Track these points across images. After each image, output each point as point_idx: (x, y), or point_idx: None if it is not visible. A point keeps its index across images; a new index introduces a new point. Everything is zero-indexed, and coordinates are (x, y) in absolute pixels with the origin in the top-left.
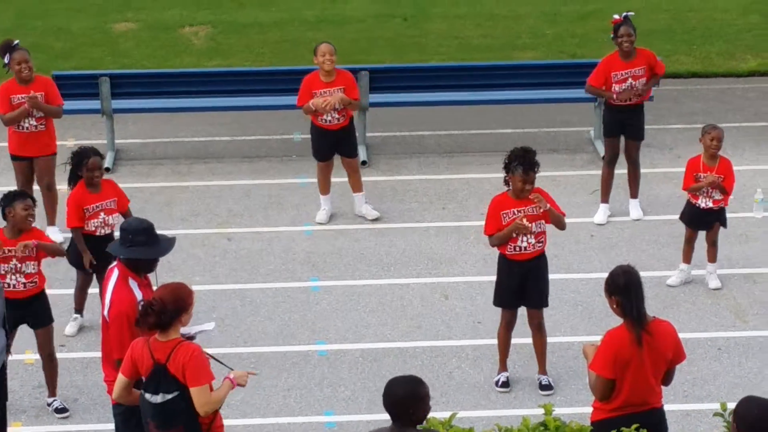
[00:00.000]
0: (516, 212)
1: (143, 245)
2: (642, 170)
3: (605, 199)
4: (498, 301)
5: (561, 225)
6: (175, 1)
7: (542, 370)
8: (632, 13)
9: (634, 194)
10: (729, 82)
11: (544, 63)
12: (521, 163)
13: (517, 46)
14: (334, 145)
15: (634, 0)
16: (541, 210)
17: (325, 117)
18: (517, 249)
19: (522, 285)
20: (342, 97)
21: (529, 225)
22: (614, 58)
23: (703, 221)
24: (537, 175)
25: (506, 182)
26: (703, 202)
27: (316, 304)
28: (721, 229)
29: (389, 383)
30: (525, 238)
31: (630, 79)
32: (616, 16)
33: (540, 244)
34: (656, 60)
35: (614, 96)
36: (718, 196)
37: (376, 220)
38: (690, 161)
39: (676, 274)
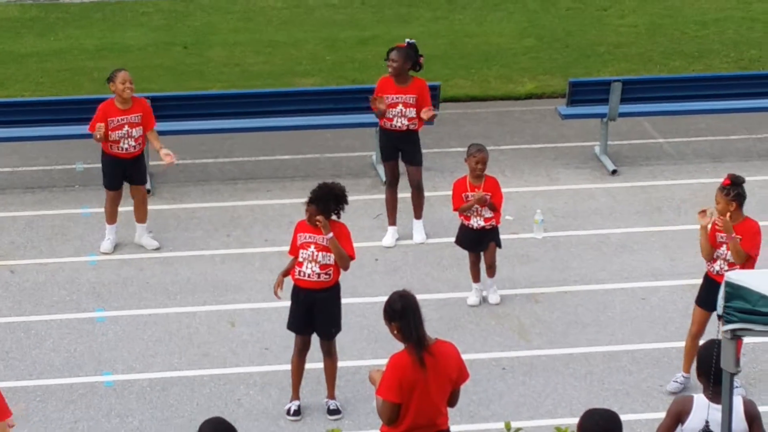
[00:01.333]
0: (308, 237)
1: None
2: (425, 193)
3: (392, 221)
4: (288, 324)
5: (343, 263)
6: None
7: (331, 395)
8: (412, 41)
9: (417, 215)
10: (507, 105)
11: (325, 89)
12: (312, 191)
13: (298, 73)
14: (125, 173)
15: (413, 26)
16: (324, 239)
17: (121, 145)
18: (301, 274)
19: (309, 314)
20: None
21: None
22: (389, 80)
23: (477, 242)
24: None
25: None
26: (475, 222)
27: (102, 334)
28: (502, 250)
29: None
30: (310, 265)
31: (400, 105)
32: (406, 41)
33: (326, 276)
34: (427, 94)
35: (382, 108)
36: (488, 214)
37: (156, 249)
38: (456, 183)
39: (472, 293)
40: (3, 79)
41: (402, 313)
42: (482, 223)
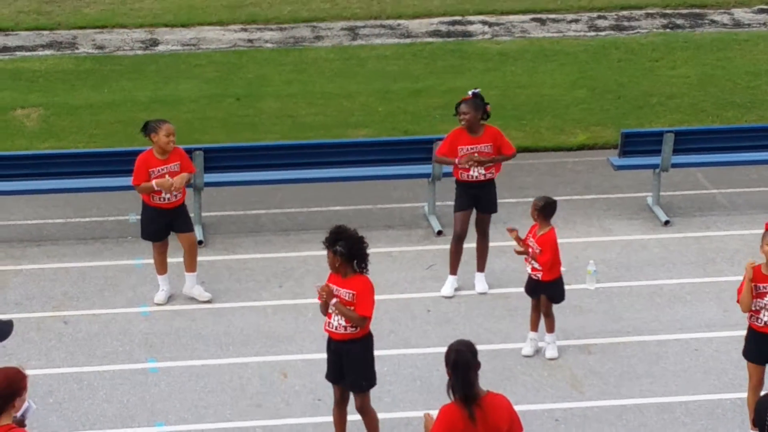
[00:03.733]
0: (335, 290)
1: None
2: None
3: (453, 271)
4: (326, 375)
5: (354, 324)
6: (6, 83)
7: None
8: (477, 90)
9: (481, 268)
10: (559, 155)
11: (378, 140)
12: (326, 238)
13: (350, 124)
14: (170, 223)
15: (465, 77)
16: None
17: (163, 195)
18: (330, 326)
19: (339, 365)
20: (184, 176)
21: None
22: (462, 132)
23: (531, 289)
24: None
25: None
26: (529, 267)
27: (155, 385)
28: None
29: None
30: (336, 318)
31: (476, 155)
32: (470, 93)
33: (353, 329)
34: (503, 139)
35: (456, 161)
36: (536, 264)
37: (208, 301)
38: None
39: (527, 343)
40: (57, 130)
41: (453, 366)
42: (529, 270)
